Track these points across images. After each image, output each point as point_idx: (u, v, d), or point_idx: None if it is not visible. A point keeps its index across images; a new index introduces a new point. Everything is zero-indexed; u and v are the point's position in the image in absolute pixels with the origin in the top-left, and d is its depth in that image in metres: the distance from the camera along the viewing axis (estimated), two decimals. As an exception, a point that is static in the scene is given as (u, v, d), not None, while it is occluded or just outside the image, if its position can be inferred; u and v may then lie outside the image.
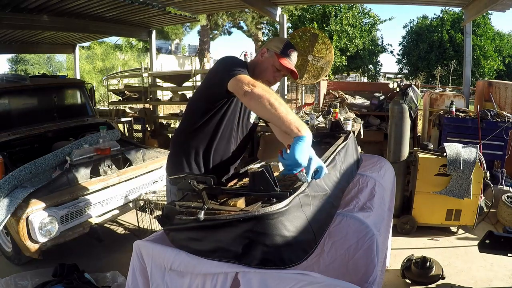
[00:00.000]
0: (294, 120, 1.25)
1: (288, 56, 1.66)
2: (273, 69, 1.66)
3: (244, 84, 1.37)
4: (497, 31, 17.96)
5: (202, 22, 13.05)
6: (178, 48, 27.40)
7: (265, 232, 1.06)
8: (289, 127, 1.24)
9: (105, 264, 2.81)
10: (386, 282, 2.53)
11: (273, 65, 1.66)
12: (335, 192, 1.44)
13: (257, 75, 1.67)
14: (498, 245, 2.07)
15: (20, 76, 4.03)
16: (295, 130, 1.22)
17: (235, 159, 1.89)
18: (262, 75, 1.67)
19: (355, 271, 1.36)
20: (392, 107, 3.36)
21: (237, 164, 1.98)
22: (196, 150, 1.73)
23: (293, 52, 1.68)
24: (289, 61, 1.66)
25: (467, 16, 5.38)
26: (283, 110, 1.27)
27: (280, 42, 1.68)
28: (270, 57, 1.66)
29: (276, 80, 1.71)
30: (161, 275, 1.26)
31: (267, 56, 1.67)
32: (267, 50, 1.68)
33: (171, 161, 1.84)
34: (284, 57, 1.65)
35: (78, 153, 2.97)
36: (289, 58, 1.66)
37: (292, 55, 1.68)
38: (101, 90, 12.67)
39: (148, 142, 6.45)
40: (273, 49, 1.66)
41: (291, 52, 1.67)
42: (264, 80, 1.66)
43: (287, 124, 1.24)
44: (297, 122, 1.25)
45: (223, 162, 1.81)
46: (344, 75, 16.69)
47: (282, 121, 1.25)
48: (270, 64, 1.66)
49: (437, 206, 3.19)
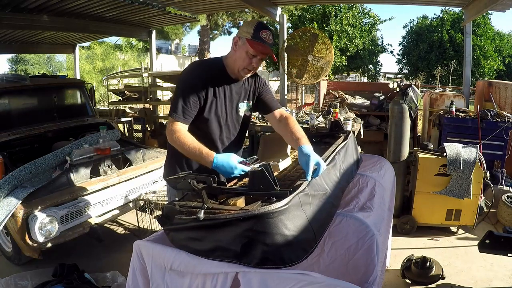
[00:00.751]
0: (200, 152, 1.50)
1: (261, 39, 1.58)
2: (249, 56, 1.61)
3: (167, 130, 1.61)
4: (497, 31, 17.96)
5: (202, 22, 13.03)
6: (178, 48, 27.40)
7: (265, 231, 1.06)
8: (201, 160, 1.50)
9: (105, 264, 2.81)
10: (386, 282, 2.53)
11: (247, 52, 1.60)
12: (335, 191, 1.44)
13: (234, 67, 1.67)
14: (498, 245, 2.07)
15: (20, 76, 4.03)
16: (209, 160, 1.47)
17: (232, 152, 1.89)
18: (238, 65, 1.64)
19: (355, 271, 1.36)
20: (392, 107, 3.35)
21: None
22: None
23: (266, 32, 1.59)
24: (263, 44, 1.59)
25: (467, 16, 5.38)
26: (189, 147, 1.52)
27: (250, 26, 1.60)
28: (243, 45, 1.61)
29: (255, 66, 1.66)
30: (161, 275, 1.26)
31: (240, 44, 1.62)
32: (239, 38, 1.63)
33: (165, 164, 1.91)
34: (257, 41, 1.58)
35: (78, 153, 2.97)
36: (262, 40, 1.58)
37: (265, 35, 1.59)
38: (101, 90, 12.66)
39: (148, 142, 6.45)
40: (244, 35, 1.60)
41: (263, 33, 1.58)
42: (242, 69, 1.65)
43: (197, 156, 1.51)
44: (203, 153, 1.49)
45: None
46: (344, 75, 16.69)
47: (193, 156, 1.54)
48: (244, 51, 1.60)
49: (437, 206, 3.19)
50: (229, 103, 1.74)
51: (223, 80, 1.70)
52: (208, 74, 1.67)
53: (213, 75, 1.68)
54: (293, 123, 1.72)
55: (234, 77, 1.72)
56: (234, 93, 1.75)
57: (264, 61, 15.97)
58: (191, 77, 1.66)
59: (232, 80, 1.72)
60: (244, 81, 1.78)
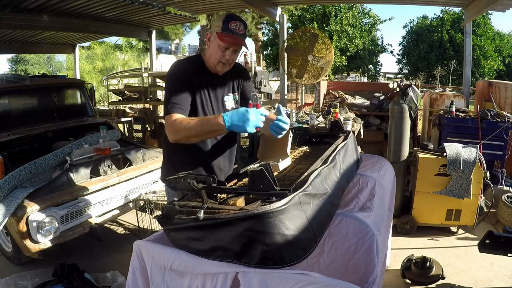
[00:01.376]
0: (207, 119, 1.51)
1: (230, 30, 1.59)
2: (221, 49, 1.63)
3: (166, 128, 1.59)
4: (497, 31, 17.94)
5: (202, 22, 13.05)
6: (178, 48, 27.40)
7: (265, 230, 1.06)
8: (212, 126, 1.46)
9: (105, 264, 2.81)
10: (386, 282, 2.53)
11: (219, 45, 1.62)
12: (335, 191, 1.44)
13: (210, 62, 1.70)
14: (498, 245, 2.07)
15: (20, 76, 4.03)
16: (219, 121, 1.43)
17: (225, 149, 1.89)
18: (213, 59, 1.67)
19: (355, 271, 1.36)
20: (392, 107, 3.35)
21: (234, 154, 1.99)
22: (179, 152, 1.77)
23: (235, 23, 1.60)
24: (232, 35, 1.60)
25: (467, 16, 5.38)
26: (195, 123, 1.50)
27: (219, 20, 1.62)
28: (214, 39, 1.63)
29: (229, 58, 1.67)
30: (161, 275, 1.26)
31: (213, 39, 1.65)
32: (211, 34, 1.67)
33: (162, 166, 1.93)
34: (226, 33, 1.59)
35: (78, 153, 2.97)
36: (231, 32, 1.59)
37: (234, 26, 1.60)
38: (101, 90, 12.66)
39: (148, 142, 6.46)
40: (215, 29, 1.63)
41: (232, 24, 1.59)
42: (217, 63, 1.67)
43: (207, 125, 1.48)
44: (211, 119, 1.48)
45: (211, 156, 1.82)
46: (344, 75, 16.67)
47: (203, 127, 1.49)
48: (217, 45, 1.63)
49: (437, 206, 3.19)
50: (214, 98, 1.76)
51: (205, 76, 1.73)
52: (192, 69, 1.70)
53: (196, 71, 1.70)
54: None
55: (214, 72, 1.75)
56: (218, 87, 1.78)
57: (264, 61, 15.79)
58: (177, 73, 1.68)
59: (213, 75, 1.75)
60: (226, 74, 1.80)
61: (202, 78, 1.71)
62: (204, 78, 1.72)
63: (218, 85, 1.78)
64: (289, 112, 4.39)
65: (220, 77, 1.77)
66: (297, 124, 4.14)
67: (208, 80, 1.73)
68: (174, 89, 1.63)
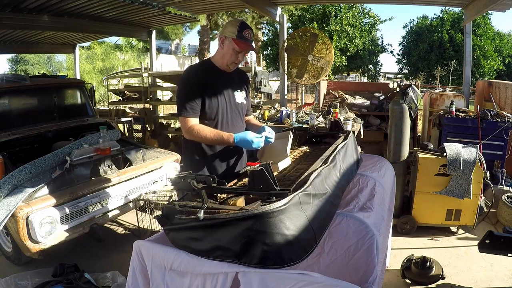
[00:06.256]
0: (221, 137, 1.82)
1: (244, 38, 1.87)
2: (234, 52, 1.90)
3: (183, 129, 1.90)
4: (497, 31, 17.96)
5: (202, 22, 13.05)
6: (178, 48, 27.41)
7: (265, 230, 1.06)
8: (224, 143, 1.85)
9: (105, 264, 2.81)
10: (386, 282, 2.53)
11: (234, 49, 1.88)
12: (335, 191, 1.44)
13: (223, 62, 1.95)
14: (498, 245, 2.07)
15: (20, 76, 4.02)
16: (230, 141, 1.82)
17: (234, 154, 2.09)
18: (226, 60, 1.93)
19: (355, 271, 1.36)
20: (392, 107, 3.35)
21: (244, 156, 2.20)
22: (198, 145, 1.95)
23: (248, 31, 1.88)
24: (247, 42, 1.89)
25: (467, 16, 5.38)
26: (211, 137, 1.83)
27: (234, 27, 1.87)
28: (229, 43, 1.89)
29: (240, 59, 1.96)
30: (161, 275, 1.26)
31: (227, 42, 1.90)
32: (225, 38, 1.90)
33: (183, 158, 2.15)
34: (241, 40, 1.86)
35: (78, 153, 2.97)
36: (245, 39, 1.88)
37: (247, 34, 1.88)
38: (101, 90, 12.67)
39: (148, 142, 6.46)
40: (230, 34, 1.87)
41: (245, 32, 1.87)
42: (231, 63, 1.94)
43: (220, 142, 1.85)
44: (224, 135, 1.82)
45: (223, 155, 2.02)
46: (344, 75, 16.68)
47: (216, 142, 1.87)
48: (231, 48, 1.89)
49: (437, 206, 3.19)
50: (226, 92, 1.98)
51: (218, 75, 1.97)
52: (202, 71, 1.95)
53: (209, 72, 1.95)
54: (254, 120, 2.25)
55: (223, 70, 1.99)
56: (228, 83, 2.02)
57: (264, 61, 15.81)
58: (188, 77, 1.91)
59: (224, 72, 2.00)
60: (233, 73, 2.04)
61: (215, 77, 1.95)
62: (217, 77, 1.96)
63: (229, 81, 2.03)
64: (289, 112, 4.39)
65: (229, 75, 2.02)
66: (297, 124, 4.14)
67: (221, 78, 1.98)
68: (187, 93, 1.87)
